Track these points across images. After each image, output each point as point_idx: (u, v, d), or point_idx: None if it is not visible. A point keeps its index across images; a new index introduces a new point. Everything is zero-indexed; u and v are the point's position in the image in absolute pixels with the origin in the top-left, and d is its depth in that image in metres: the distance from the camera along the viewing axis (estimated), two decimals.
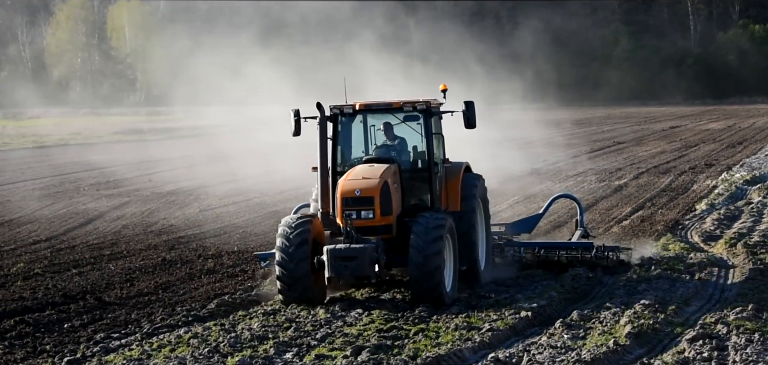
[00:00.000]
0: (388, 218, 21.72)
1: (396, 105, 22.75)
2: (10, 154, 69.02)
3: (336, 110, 22.67)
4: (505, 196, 39.79)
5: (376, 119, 22.96)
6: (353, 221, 21.41)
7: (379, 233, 21.62)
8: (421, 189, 22.74)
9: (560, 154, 57.62)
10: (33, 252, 29.89)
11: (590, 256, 24.78)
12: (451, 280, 21.69)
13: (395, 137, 22.96)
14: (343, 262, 21.10)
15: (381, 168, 22.02)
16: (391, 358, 17.21)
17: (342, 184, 21.81)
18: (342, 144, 22.84)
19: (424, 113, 22.58)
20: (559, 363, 16.77)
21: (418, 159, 22.78)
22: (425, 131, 22.60)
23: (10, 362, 17.84)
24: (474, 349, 17.89)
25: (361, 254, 21.09)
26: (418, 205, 22.62)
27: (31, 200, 43.33)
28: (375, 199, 21.53)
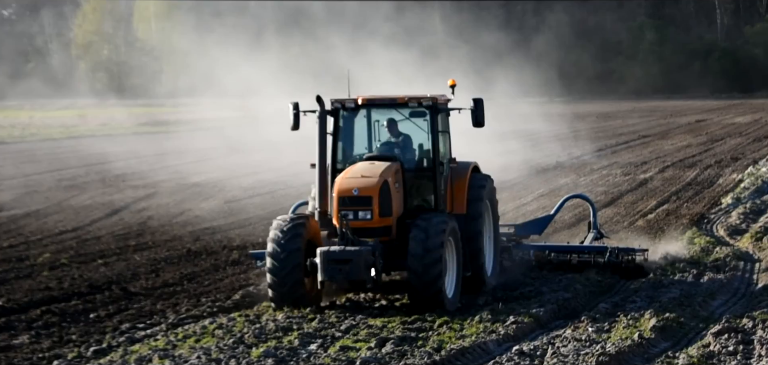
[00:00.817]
0: (387, 219, 20.54)
1: (401, 100, 21.61)
2: (36, 145, 69.33)
3: (337, 104, 21.55)
4: (530, 189, 39.75)
5: (381, 114, 21.82)
6: (349, 221, 20.19)
7: (378, 236, 20.38)
8: (425, 190, 21.61)
9: (585, 147, 57.49)
10: (59, 242, 30.03)
11: (603, 260, 23.70)
12: (454, 287, 20.58)
13: (399, 134, 21.83)
14: (336, 265, 19.87)
15: (382, 166, 20.86)
16: (415, 350, 17.23)
17: (339, 182, 20.65)
18: (343, 140, 21.73)
19: (431, 110, 21.48)
20: (583, 356, 16.75)
21: (424, 158, 21.68)
22: (431, 129, 21.48)
23: (37, 351, 17.95)
24: (498, 342, 17.89)
25: (356, 257, 19.86)
26: (422, 206, 21.47)
27: (57, 190, 43.52)
28: (373, 199, 20.34)
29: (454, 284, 20.64)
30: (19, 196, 41.58)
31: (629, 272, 23.36)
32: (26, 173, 50.83)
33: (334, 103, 21.53)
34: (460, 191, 21.87)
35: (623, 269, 23.44)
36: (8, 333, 19.30)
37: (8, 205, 38.79)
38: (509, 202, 36.06)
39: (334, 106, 21.52)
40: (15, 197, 41.10)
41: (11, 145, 69.87)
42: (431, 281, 19.87)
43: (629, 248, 24.03)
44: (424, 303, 19.94)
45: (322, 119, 20.90)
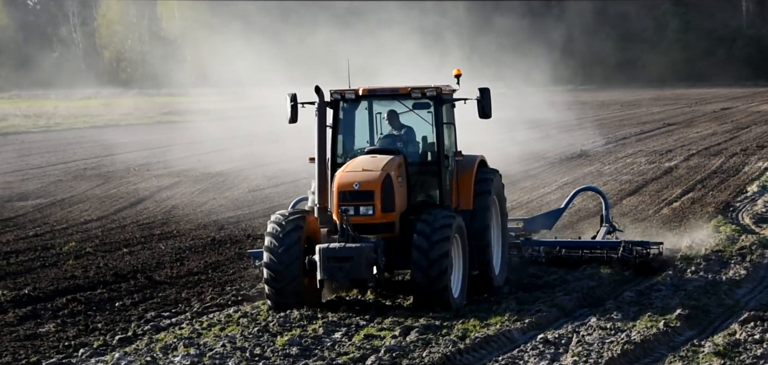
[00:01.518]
0: (389, 215, 19.59)
1: (403, 91, 20.55)
2: (61, 134, 69.60)
3: (337, 95, 20.56)
4: (553, 178, 39.67)
5: (383, 106, 20.85)
6: (350, 217, 19.27)
7: (380, 232, 19.48)
8: (429, 184, 20.65)
9: (609, 135, 57.33)
10: (84, 231, 30.14)
11: (617, 256, 22.75)
12: (460, 286, 19.71)
13: (402, 127, 20.87)
14: (336, 263, 18.93)
15: (384, 160, 19.87)
16: (440, 338, 17.22)
17: (339, 176, 19.66)
18: (344, 133, 20.74)
19: (435, 101, 20.41)
20: (608, 344, 16.71)
21: (428, 151, 20.70)
22: (435, 120, 20.42)
23: (63, 340, 18.03)
24: (523, 330, 17.87)
25: (356, 254, 18.91)
26: (427, 202, 20.52)
27: (82, 179, 43.68)
28: (375, 193, 19.38)
29: (461, 282, 19.78)
30: (45, 185, 41.76)
31: (644, 267, 22.49)
32: (51, 163, 51.04)
33: (333, 94, 20.57)
34: (466, 186, 20.94)
35: (638, 265, 22.52)
36: (34, 321, 19.41)
37: (34, 194, 38.97)
38: (532, 191, 36.01)
39: (333, 97, 20.57)
40: (40, 187, 41.29)
41: (36, 134, 70.16)
42: (437, 280, 19.02)
43: (643, 242, 23.18)
44: (429, 303, 19.08)
45: (321, 111, 19.95)
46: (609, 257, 22.77)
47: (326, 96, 20.21)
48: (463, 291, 19.82)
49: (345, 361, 16.04)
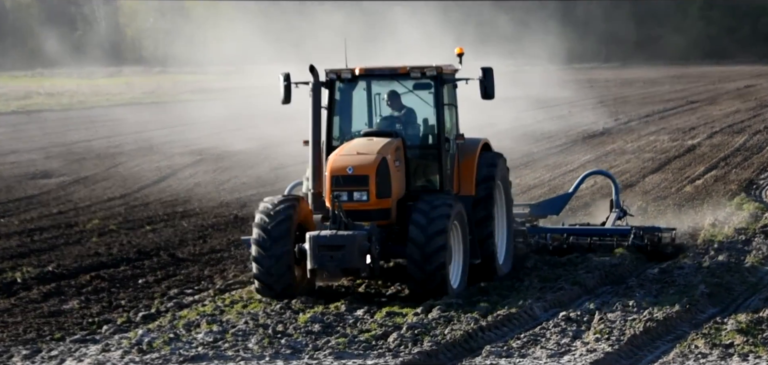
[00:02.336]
0: (385, 201, 18.61)
1: (402, 70, 19.53)
2: (84, 112, 69.81)
3: (332, 75, 19.54)
4: (577, 155, 39.60)
5: (382, 87, 19.82)
6: (343, 203, 18.33)
7: (375, 219, 18.49)
8: (430, 169, 19.67)
9: (632, 113, 57.15)
10: (108, 209, 30.26)
11: (627, 242, 21.84)
12: (459, 275, 18.85)
13: (402, 108, 19.85)
14: (327, 252, 18.05)
15: (380, 143, 18.93)
16: (462, 315, 17.24)
17: (332, 159, 18.69)
18: (340, 115, 19.71)
19: (435, 80, 19.43)
20: (631, 322, 16.70)
21: (429, 134, 19.69)
22: (436, 101, 19.44)
23: (87, 316, 18.12)
24: (545, 307, 17.87)
25: (349, 242, 18.01)
26: (427, 188, 19.54)
27: (105, 157, 43.82)
28: (370, 178, 18.41)
29: (460, 272, 18.91)
30: (68, 163, 41.92)
31: (657, 254, 21.70)
32: (74, 140, 51.22)
33: (328, 73, 19.58)
34: (468, 170, 19.91)
35: (650, 252, 21.75)
36: (58, 298, 19.51)
37: (57, 172, 39.13)
38: (554, 169, 35.96)
39: (328, 77, 19.57)
40: (64, 164, 41.44)
41: (60, 112, 70.40)
42: (434, 269, 18.14)
43: (655, 228, 22.32)
44: (425, 294, 18.16)
45: (315, 91, 19.12)
46: (619, 244, 21.85)
47: (321, 76, 19.37)
48: (463, 281, 18.94)
49: (367, 338, 16.08)
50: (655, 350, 15.75)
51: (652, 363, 14.78)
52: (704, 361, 14.89)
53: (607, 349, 15.42)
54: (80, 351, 16.02)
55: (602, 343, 15.74)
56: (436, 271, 18.17)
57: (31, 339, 16.69)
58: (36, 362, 15.58)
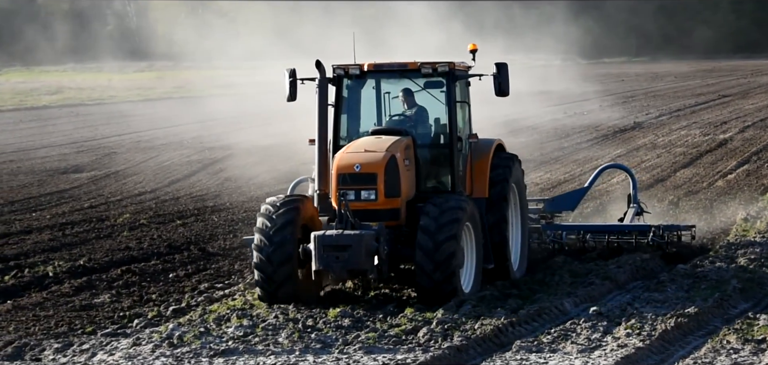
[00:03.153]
0: (394, 200, 17.91)
1: (412, 66, 18.76)
2: (115, 107, 70.11)
3: (340, 71, 18.86)
4: (608, 149, 39.48)
5: (392, 85, 19.09)
6: (350, 203, 17.62)
7: (383, 220, 17.74)
8: (442, 169, 18.94)
9: (663, 107, 56.91)
10: (138, 203, 30.38)
11: (646, 240, 21.02)
12: (471, 279, 18.09)
13: (414, 106, 19.11)
14: (333, 252, 17.29)
15: (389, 141, 18.20)
16: (492, 310, 17.21)
17: (339, 157, 18.04)
18: (348, 113, 19.05)
19: (447, 77, 18.68)
20: (662, 317, 16.63)
21: (441, 133, 18.92)
22: (447, 99, 18.68)
23: (118, 310, 18.19)
24: (576, 302, 17.81)
25: (355, 242, 17.26)
26: (438, 189, 18.82)
27: (135, 152, 44.00)
28: (378, 176, 17.71)
29: (472, 277, 18.13)
30: (99, 157, 42.12)
31: (675, 254, 20.85)
32: (105, 135, 51.45)
33: (336, 69, 18.92)
34: (482, 171, 19.20)
35: (666, 251, 20.93)
36: (90, 292, 19.60)
37: (88, 166, 39.32)
38: (585, 164, 35.85)
39: (335, 73, 18.90)
40: (95, 159, 41.65)
41: (91, 107, 70.74)
42: (444, 272, 17.33)
43: (674, 225, 21.51)
44: (435, 298, 17.42)
45: (322, 87, 18.38)
46: (638, 242, 21.03)
47: (328, 71, 18.68)
48: (476, 286, 18.16)
49: (397, 333, 16.06)
50: (687, 345, 15.68)
51: (684, 359, 14.70)
52: (736, 356, 14.80)
53: (638, 344, 15.35)
54: (111, 344, 16.08)
55: (633, 338, 15.68)
56: (447, 280, 17.37)
57: (63, 333, 16.77)
58: (67, 355, 15.65)
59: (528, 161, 36.40)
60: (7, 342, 16.24)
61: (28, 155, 43.38)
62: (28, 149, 45.76)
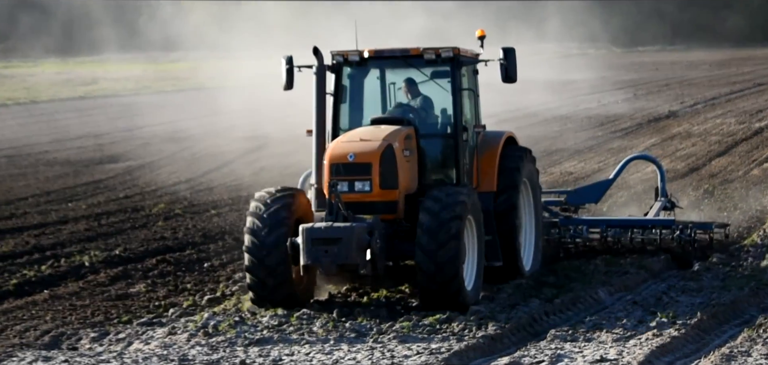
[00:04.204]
0: (391, 192, 16.88)
1: (415, 52, 17.75)
2: (149, 98, 70.38)
3: (339, 58, 17.87)
4: (643, 138, 39.31)
5: (397, 74, 18.15)
6: (343, 195, 16.63)
7: (379, 213, 16.78)
8: (446, 161, 17.93)
9: (698, 96, 56.59)
10: (173, 193, 30.49)
11: (672, 237, 19.81)
12: (474, 278, 17.01)
13: (418, 95, 18.13)
14: (322, 246, 16.28)
15: (387, 129, 17.25)
16: (527, 299, 17.21)
17: (332, 146, 17.09)
18: (350, 103, 18.07)
19: (452, 63, 17.67)
20: (698, 306, 16.57)
21: (447, 124, 17.89)
22: (452, 87, 17.67)
23: (153, 300, 18.29)
24: (611, 291, 17.77)
25: (346, 235, 16.22)
26: (443, 182, 17.78)
27: (170, 142, 44.14)
28: (373, 166, 16.74)
29: (475, 274, 17.05)
30: (134, 148, 42.29)
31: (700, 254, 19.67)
32: (139, 126, 51.65)
33: (334, 56, 17.93)
34: (489, 164, 18.17)
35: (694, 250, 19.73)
36: (125, 281, 19.70)
37: (123, 157, 39.49)
38: (619, 153, 35.71)
39: (335, 60, 17.93)
40: (130, 149, 41.82)
41: (125, 98, 71.05)
42: (445, 266, 16.32)
43: (704, 224, 20.41)
44: (436, 294, 16.50)
45: (320, 75, 17.50)
46: (664, 239, 19.84)
47: (326, 59, 17.77)
48: (478, 284, 17.12)
49: (431, 322, 16.06)
50: (723, 334, 15.61)
51: (720, 348, 14.63)
52: None
53: (673, 333, 15.30)
54: (147, 333, 16.17)
55: (669, 327, 15.63)
56: (449, 281, 16.38)
57: (99, 322, 16.88)
58: (104, 344, 15.75)
59: (562, 150, 36.32)
60: (44, 331, 16.36)
61: (63, 146, 43.63)
62: (64, 140, 46.02)
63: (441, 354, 14.53)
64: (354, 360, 14.49)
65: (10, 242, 23.17)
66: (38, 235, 24.02)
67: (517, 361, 14.25)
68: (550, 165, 32.93)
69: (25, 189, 31.54)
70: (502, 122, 45.04)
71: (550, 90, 59.18)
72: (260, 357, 14.78)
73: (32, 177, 34.31)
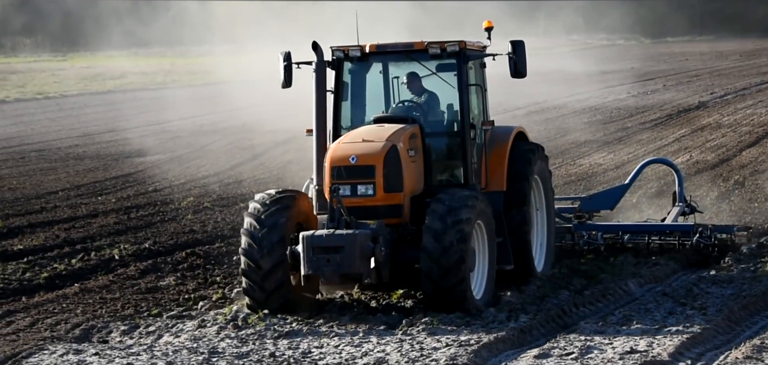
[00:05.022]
0: (395, 196, 16.11)
1: (419, 46, 16.96)
2: (177, 91, 70.56)
3: (339, 53, 17.12)
4: (673, 129, 39.13)
5: (401, 69, 17.31)
6: (345, 199, 15.83)
7: (383, 217, 16.00)
8: (453, 161, 17.14)
9: (728, 86, 56.28)
10: (202, 186, 30.56)
11: (690, 243, 19.11)
12: (484, 284, 16.31)
13: (423, 91, 17.28)
14: (323, 255, 15.56)
15: (391, 129, 16.42)
16: (557, 291, 17.17)
17: (333, 148, 16.29)
18: (353, 101, 17.29)
19: (458, 57, 16.85)
20: (729, 298, 16.48)
21: (454, 122, 17.06)
22: (459, 82, 16.85)
23: (183, 292, 18.33)
24: (640, 283, 17.71)
25: (349, 243, 15.48)
26: (450, 182, 17.05)
27: (199, 135, 44.25)
28: (376, 169, 15.94)
29: (485, 281, 16.33)
30: (163, 141, 42.41)
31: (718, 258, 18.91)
32: (169, 119, 51.81)
33: (335, 51, 17.19)
34: (498, 163, 17.33)
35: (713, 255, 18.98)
36: (155, 274, 19.76)
37: (152, 150, 39.61)
38: (648, 144, 35.57)
39: (335, 55, 17.19)
40: (159, 143, 41.94)
41: (154, 91, 71.27)
42: (452, 285, 15.63)
43: (725, 226, 19.74)
44: (441, 300, 15.78)
45: (319, 72, 16.75)
46: (682, 244, 19.14)
47: (326, 54, 17.02)
48: (489, 291, 16.38)
49: (461, 314, 16.02)
50: (754, 325, 15.53)
51: (751, 339, 14.56)
52: None
53: (704, 325, 15.23)
54: (177, 326, 16.21)
55: (699, 319, 15.56)
56: (455, 287, 15.66)
57: (129, 315, 16.94)
58: (134, 337, 15.80)
59: (591, 141, 36.19)
60: (74, 325, 16.44)
61: (93, 140, 43.82)
62: (93, 134, 46.22)
63: (470, 347, 14.50)
64: (383, 352, 14.49)
65: (40, 235, 23.28)
66: (68, 229, 24.13)
67: (547, 353, 14.22)
68: (578, 157, 32.83)
69: (55, 183, 31.68)
70: (531, 113, 44.97)
71: (579, 81, 58.99)
72: (290, 350, 14.80)
73: (62, 171, 34.47)
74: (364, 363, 14.17)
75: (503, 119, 42.30)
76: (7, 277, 19.56)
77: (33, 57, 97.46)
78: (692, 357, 13.90)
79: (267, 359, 14.45)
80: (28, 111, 57.26)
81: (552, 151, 34.15)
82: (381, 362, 14.13)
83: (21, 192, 29.88)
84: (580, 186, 27.01)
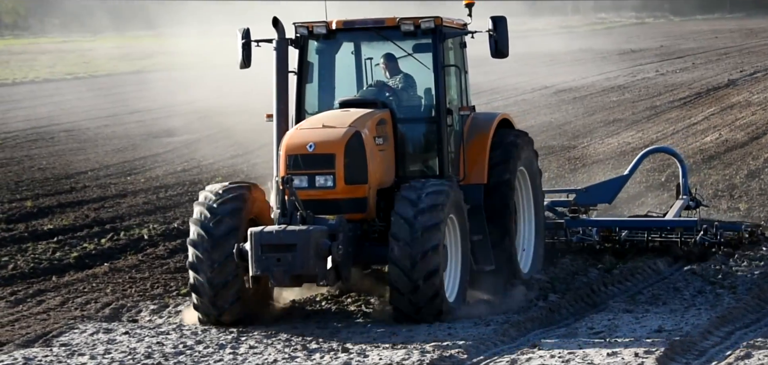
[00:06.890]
0: (358, 188, 14.49)
1: (390, 23, 15.30)
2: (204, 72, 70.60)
3: (302, 30, 15.53)
4: (701, 108, 38.94)
5: (374, 49, 15.73)
6: (300, 191, 14.21)
7: (346, 212, 14.39)
8: (428, 150, 15.54)
9: (758, 64, 55.95)
10: (230, 166, 30.60)
11: (693, 240, 17.59)
12: (457, 286, 14.74)
13: (398, 73, 15.64)
14: (272, 254, 13.86)
15: (356, 114, 14.81)
16: (588, 268, 17.18)
17: (290, 135, 14.71)
18: (319, 82, 15.73)
19: (433, 35, 15.20)
20: (759, 277, 16.40)
21: (431, 107, 15.45)
22: (434, 63, 15.21)
23: None
24: (669, 262, 17.65)
25: (302, 240, 13.79)
26: (425, 173, 15.40)
27: (225, 115, 44.25)
28: (336, 158, 14.31)
29: (458, 282, 14.78)
30: (190, 122, 42.50)
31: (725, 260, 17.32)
32: (195, 99, 51.91)
33: (298, 28, 15.61)
34: (479, 152, 15.69)
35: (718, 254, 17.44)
36: (183, 254, 19.69)
37: (180, 130, 39.71)
38: (677, 122, 35.42)
39: (298, 32, 15.62)
40: (186, 123, 42.04)
41: (181, 72, 71.40)
42: (424, 276, 14.01)
43: (732, 224, 18.37)
44: (411, 305, 14.17)
45: (280, 51, 15.16)
46: (685, 241, 17.64)
47: (288, 31, 15.48)
48: (462, 292, 14.81)
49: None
50: None
51: None
52: None
53: (732, 303, 15.19)
54: None
55: (727, 297, 15.51)
56: (427, 278, 14.04)
57: (158, 294, 17.01)
58: (163, 316, 15.87)
59: (619, 120, 36.06)
60: (104, 304, 16.53)
61: (121, 120, 43.96)
62: (122, 114, 46.37)
63: (499, 325, 14.49)
64: (411, 331, 14.48)
65: (70, 215, 23.41)
66: (98, 209, 24.25)
67: (575, 332, 14.20)
68: (607, 136, 32.72)
69: (85, 163, 31.82)
70: (559, 92, 44.82)
71: (607, 60, 58.74)
72: (318, 329, 14.81)
73: (91, 151, 34.60)
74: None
75: (532, 97, 42.21)
76: (37, 257, 19.69)
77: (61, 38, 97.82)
78: (721, 336, 13.86)
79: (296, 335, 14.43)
80: (59, 91, 57.48)
81: (580, 130, 34.06)
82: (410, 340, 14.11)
83: (51, 172, 30.03)
84: (608, 166, 26.91)
